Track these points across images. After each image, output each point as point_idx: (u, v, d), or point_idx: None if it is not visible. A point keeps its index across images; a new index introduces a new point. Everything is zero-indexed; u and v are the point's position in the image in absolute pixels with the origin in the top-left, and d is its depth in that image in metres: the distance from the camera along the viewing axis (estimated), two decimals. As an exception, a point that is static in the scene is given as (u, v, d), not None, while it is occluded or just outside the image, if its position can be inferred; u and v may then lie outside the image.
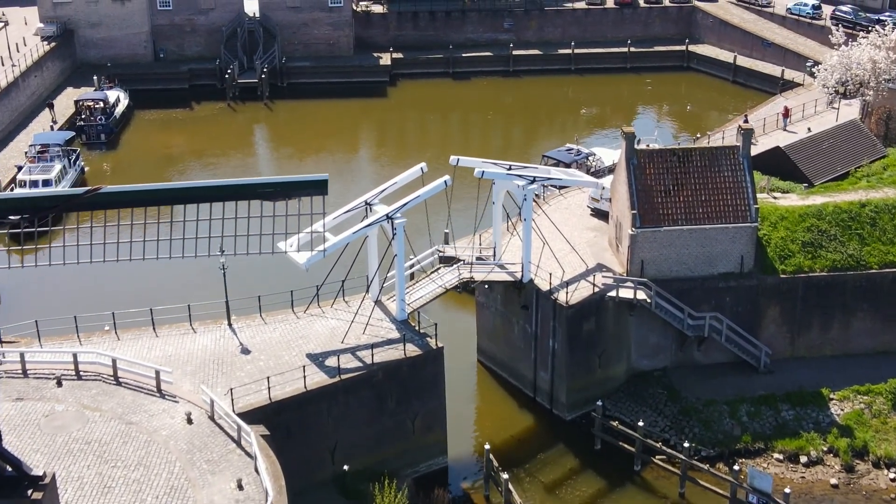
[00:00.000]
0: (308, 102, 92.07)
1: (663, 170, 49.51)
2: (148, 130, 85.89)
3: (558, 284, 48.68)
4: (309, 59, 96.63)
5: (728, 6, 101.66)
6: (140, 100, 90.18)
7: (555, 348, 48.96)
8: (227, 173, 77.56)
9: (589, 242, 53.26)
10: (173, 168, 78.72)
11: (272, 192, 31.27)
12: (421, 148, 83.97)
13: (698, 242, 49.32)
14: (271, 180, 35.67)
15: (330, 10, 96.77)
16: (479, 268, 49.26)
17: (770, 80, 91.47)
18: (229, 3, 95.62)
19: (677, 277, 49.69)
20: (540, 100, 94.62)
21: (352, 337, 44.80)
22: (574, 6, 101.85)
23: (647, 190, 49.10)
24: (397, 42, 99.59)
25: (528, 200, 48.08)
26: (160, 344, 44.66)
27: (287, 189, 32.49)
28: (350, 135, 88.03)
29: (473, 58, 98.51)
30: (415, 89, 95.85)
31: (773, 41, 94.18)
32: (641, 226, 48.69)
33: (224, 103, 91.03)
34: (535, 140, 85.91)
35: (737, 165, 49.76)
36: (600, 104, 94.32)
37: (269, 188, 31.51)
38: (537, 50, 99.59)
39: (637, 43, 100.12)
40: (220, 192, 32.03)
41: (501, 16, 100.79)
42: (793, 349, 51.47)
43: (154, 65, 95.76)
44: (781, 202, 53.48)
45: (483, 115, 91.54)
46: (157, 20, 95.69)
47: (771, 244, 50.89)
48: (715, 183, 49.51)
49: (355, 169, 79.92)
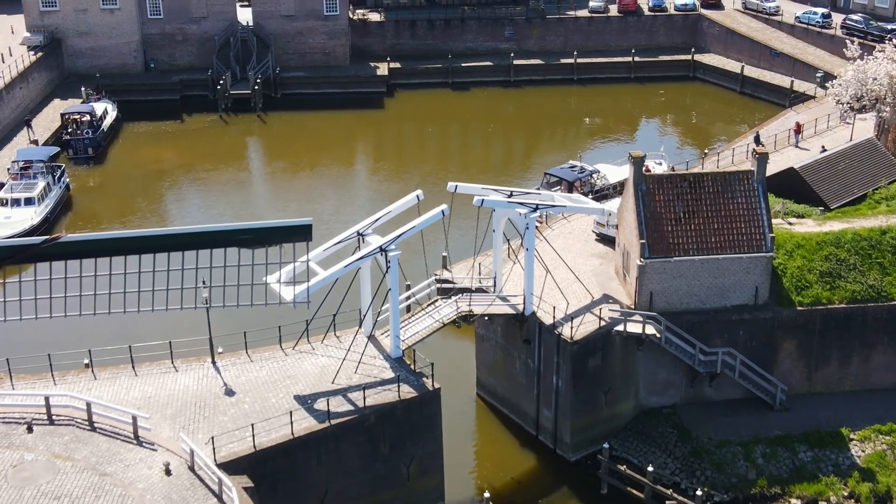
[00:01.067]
0: (302, 114, 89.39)
1: (673, 196, 46.79)
2: (137, 144, 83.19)
3: (562, 318, 45.98)
4: (304, 70, 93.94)
5: (735, 14, 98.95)
6: (129, 111, 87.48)
7: (558, 385, 46.26)
8: (218, 189, 75.05)
9: (594, 271, 50.56)
10: (163, 183, 76.05)
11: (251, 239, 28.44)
12: (419, 161, 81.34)
13: (710, 273, 46.62)
14: (251, 226, 32.90)
15: (325, 19, 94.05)
16: (479, 300, 46.54)
17: (779, 92, 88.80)
18: (222, 12, 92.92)
19: (688, 310, 46.99)
20: (541, 111, 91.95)
21: (343, 377, 42.09)
22: (577, 14, 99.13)
23: (657, 218, 46.38)
24: (395, 51, 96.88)
25: (531, 229, 45.37)
26: (139, 384, 41.96)
27: (268, 235, 29.69)
28: (346, 148, 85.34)
29: (473, 67, 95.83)
30: (413, 100, 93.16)
31: (782, 51, 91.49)
32: (650, 256, 45.97)
33: (216, 115, 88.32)
34: (536, 153, 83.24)
35: (751, 192, 47.04)
36: (604, 115, 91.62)
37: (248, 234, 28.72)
38: (539, 59, 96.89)
39: (641, 52, 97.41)
40: (193, 239, 29.29)
41: (502, 24, 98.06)
42: (810, 384, 48.79)
43: (144, 75, 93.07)
44: (797, 229, 50.75)
45: (483, 127, 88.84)
46: (147, 29, 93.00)
47: (787, 274, 48.17)
48: (728, 210, 46.79)
49: (351, 185, 77.22)
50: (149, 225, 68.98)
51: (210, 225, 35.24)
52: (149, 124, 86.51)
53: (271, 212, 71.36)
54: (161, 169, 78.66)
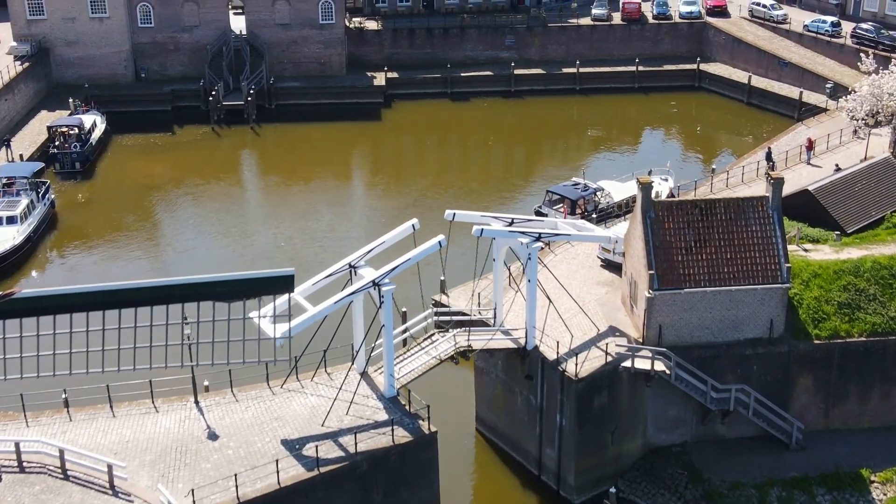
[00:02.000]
0: (297, 126, 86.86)
1: (684, 224, 44.27)
2: (126, 157, 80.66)
3: (566, 353, 43.45)
4: (299, 80, 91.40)
5: (741, 22, 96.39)
6: (119, 123, 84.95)
7: (562, 424, 43.72)
8: (209, 205, 72.58)
9: (600, 300, 48.03)
10: (152, 199, 73.52)
11: (227, 292, 25.93)
12: (417, 175, 78.80)
13: (723, 305, 44.10)
14: (226, 278, 30.28)
15: (321, 28, 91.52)
16: (478, 334, 44.00)
17: (787, 103, 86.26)
18: (214, 20, 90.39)
19: (699, 343, 44.49)
20: (543, 122, 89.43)
21: (333, 418, 39.61)
22: (579, 22, 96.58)
23: (666, 247, 43.86)
24: (392, 60, 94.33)
25: (533, 260, 42.84)
26: (117, 426, 39.51)
27: (245, 288, 27.15)
28: (341, 161, 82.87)
29: (473, 77, 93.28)
30: (411, 111, 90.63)
31: (790, 60, 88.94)
32: (660, 288, 43.45)
33: (208, 127, 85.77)
34: (538, 166, 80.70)
35: (766, 219, 44.53)
36: (607, 126, 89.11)
37: (222, 288, 26.18)
38: (540, 69, 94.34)
39: (645, 61, 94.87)
40: (163, 294, 26.72)
41: (502, 33, 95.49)
42: (827, 421, 46.29)
43: (134, 85, 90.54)
44: (813, 256, 48.23)
45: (483, 139, 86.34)
46: (137, 38, 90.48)
47: (803, 305, 45.65)
48: (742, 238, 44.28)
49: (346, 200, 74.70)
50: (136, 244, 66.66)
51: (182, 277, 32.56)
52: (139, 137, 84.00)
53: (264, 229, 68.94)
54: (150, 184, 76.12)
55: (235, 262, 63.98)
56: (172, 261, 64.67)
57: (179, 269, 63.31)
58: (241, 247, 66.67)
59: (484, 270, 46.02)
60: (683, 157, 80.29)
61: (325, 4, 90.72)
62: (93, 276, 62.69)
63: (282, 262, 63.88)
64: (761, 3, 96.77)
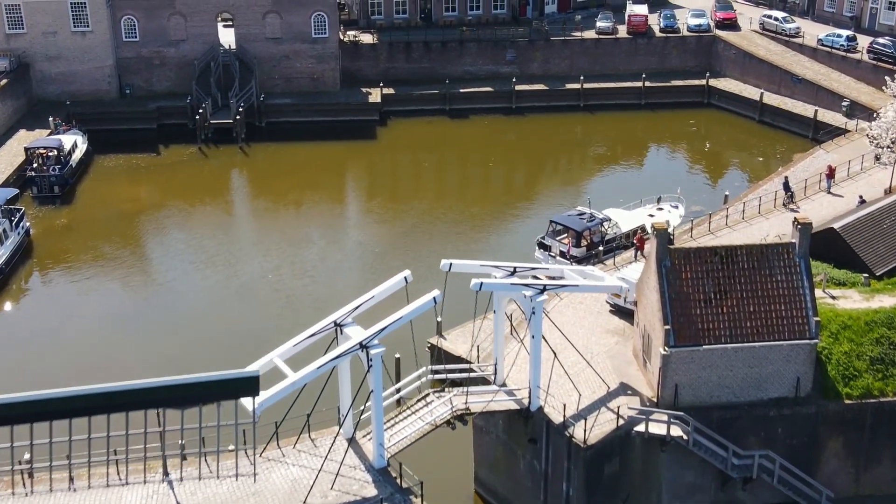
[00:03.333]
0: (288, 146, 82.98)
1: (703, 273, 40.45)
2: (108, 180, 76.77)
3: (573, 415, 39.66)
4: (290, 96, 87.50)
5: (752, 36, 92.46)
6: (101, 143, 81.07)
7: (569, 493, 39.89)
8: (194, 232, 68.81)
9: (609, 352, 44.20)
10: (134, 225, 69.71)
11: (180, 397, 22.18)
12: (414, 198, 74.93)
13: (745, 363, 40.29)
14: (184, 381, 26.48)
15: (314, 42, 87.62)
16: (477, 395, 40.18)
17: (801, 122, 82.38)
18: (202, 34, 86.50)
19: (719, 404, 40.70)
20: (545, 140, 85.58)
21: (317, 494, 35.78)
22: (583, 36, 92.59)
23: (684, 299, 40.03)
24: (388, 75, 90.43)
25: (538, 314, 39.02)
26: (77, 502, 35.63)
27: (206, 392, 23.38)
28: (334, 183, 79.03)
29: (472, 93, 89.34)
30: (407, 129, 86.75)
31: (804, 76, 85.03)
32: (676, 344, 39.63)
33: (195, 147, 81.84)
34: (540, 189, 76.83)
35: (792, 268, 40.71)
36: (612, 145, 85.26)
37: (180, 392, 22.44)
38: (542, 84, 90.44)
39: (652, 76, 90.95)
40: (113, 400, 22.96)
41: (503, 47, 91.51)
42: (857, 487, 42.47)
43: (119, 102, 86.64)
44: (842, 304, 44.38)
45: (483, 159, 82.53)
46: (122, 52, 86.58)
47: (832, 361, 41.81)
48: (766, 289, 40.48)
49: (339, 226, 70.85)
50: (116, 274, 62.95)
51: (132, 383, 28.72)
52: (122, 157, 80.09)
53: (251, 257, 65.14)
54: (132, 209, 72.24)
55: (217, 295, 60.35)
56: (152, 294, 60.92)
57: (159, 303, 59.70)
58: (224, 277, 62.85)
59: (486, 309, 42.07)
60: (693, 180, 76.38)
61: (317, 17, 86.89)
62: (70, 309, 59.10)
63: (267, 295, 60.27)
64: (773, 16, 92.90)
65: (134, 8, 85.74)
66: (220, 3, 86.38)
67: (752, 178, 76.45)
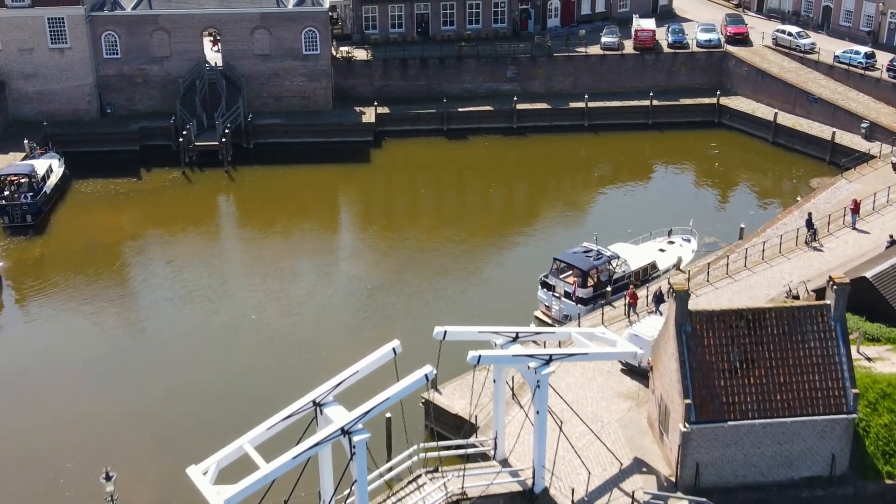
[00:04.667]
0: (277, 169, 78.65)
1: (727, 339, 36.23)
2: (85, 207, 72.46)
3: (582, 498, 35.41)
4: (280, 116, 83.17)
5: (765, 52, 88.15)
6: (81, 166, 76.83)
7: (578, 587, 35.71)
8: (174, 264, 64.77)
9: (622, 420, 40.03)
10: (112, 258, 65.30)
11: None
12: (409, 227, 70.68)
13: (775, 439, 36.13)
14: None
15: (305, 59, 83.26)
16: (475, 476, 35.96)
17: (818, 144, 78.12)
18: (187, 51, 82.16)
19: (745, 484, 36.63)
20: (548, 162, 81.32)
21: None
22: (588, 52, 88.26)
23: (706, 369, 35.81)
24: (383, 94, 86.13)
25: (543, 388, 34.83)
26: None
27: None
28: (326, 210, 74.73)
29: (471, 113, 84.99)
30: (403, 151, 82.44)
31: (820, 95, 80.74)
32: (698, 420, 35.40)
33: (179, 170, 77.51)
34: (542, 215, 72.55)
35: (827, 333, 36.51)
36: (617, 167, 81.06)
37: None
38: (545, 103, 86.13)
39: (660, 94, 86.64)
40: None
41: (504, 63, 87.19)
42: (898, 574, 38.21)
43: (99, 122, 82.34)
44: (879, 368, 40.20)
45: (483, 183, 78.26)
46: (102, 70, 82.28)
47: (870, 435, 37.62)
48: (798, 358, 36.29)
49: (330, 258, 66.56)
50: (90, 312, 58.83)
51: None
52: (101, 182, 75.69)
53: (235, 293, 60.98)
54: (110, 240, 67.89)
55: (194, 339, 56.13)
56: (125, 337, 56.66)
57: (130, 347, 55.56)
58: (204, 317, 58.63)
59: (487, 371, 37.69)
60: (705, 207, 72.05)
61: (308, 33, 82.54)
62: (38, 351, 54.85)
63: (247, 338, 55.94)
64: (787, 31, 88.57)
65: (115, 23, 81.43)
66: (205, 18, 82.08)
67: (767, 204, 72.29)
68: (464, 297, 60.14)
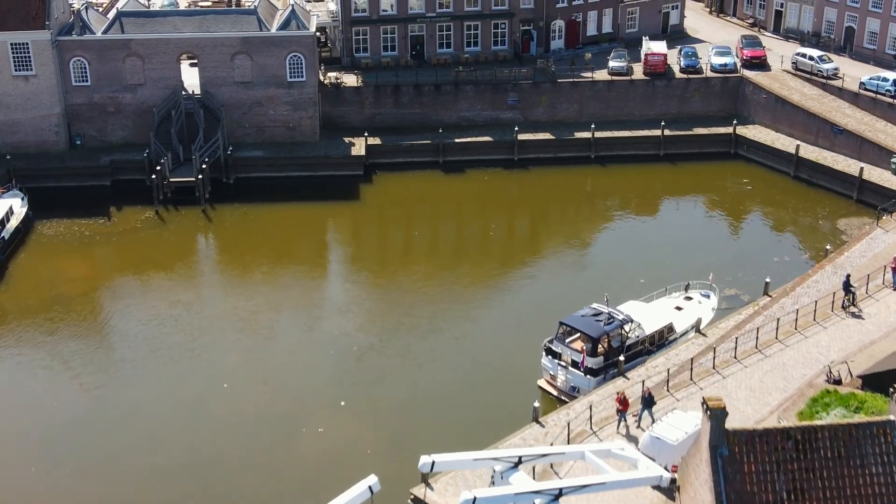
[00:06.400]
0: (259, 207, 72.67)
1: (772, 465, 30.18)
2: (48, 253, 66.55)
3: None
4: (262, 148, 77.20)
5: (784, 77, 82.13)
6: (46, 205, 70.95)
7: None
8: (141, 318, 58.99)
9: (643, 547, 34.03)
10: (71, 312, 59.45)
11: None
12: (402, 273, 64.88)
13: (829, 585, 30.06)
14: None
15: (289, 87, 77.25)
16: None
17: (844, 180, 72.21)
18: (163, 78, 76.19)
19: None
20: (552, 197, 75.56)
21: None
22: (594, 77, 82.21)
23: (748, 500, 29.77)
24: (374, 123, 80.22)
25: (552, 529, 28.84)
26: None
27: None
28: (311, 253, 68.77)
29: (469, 144, 79.03)
30: (395, 185, 76.48)
31: (845, 126, 74.75)
32: (738, 566, 29.36)
33: (152, 209, 71.55)
34: (546, 260, 66.60)
35: (891, 456, 30.43)
36: (626, 201, 75.24)
37: None
38: (549, 133, 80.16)
39: (672, 123, 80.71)
40: None
41: (504, 90, 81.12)
42: None
43: (68, 155, 76.42)
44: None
45: (482, 223, 72.46)
46: (71, 99, 76.33)
47: (941, 574, 31.49)
48: (856, 486, 30.20)
49: (314, 313, 60.46)
50: (47, 377, 53.07)
51: None
52: (66, 223, 69.73)
53: (205, 355, 55.29)
54: (72, 292, 61.83)
55: (154, 414, 50.23)
56: (79, 408, 50.81)
57: (83, 422, 49.70)
58: (169, 385, 52.73)
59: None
60: (723, 251, 66.03)
61: (293, 59, 76.50)
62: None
63: (216, 412, 50.08)
64: (807, 55, 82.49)
65: (84, 48, 75.43)
66: (182, 43, 76.06)
67: (792, 249, 66.34)
68: (460, 359, 54.35)
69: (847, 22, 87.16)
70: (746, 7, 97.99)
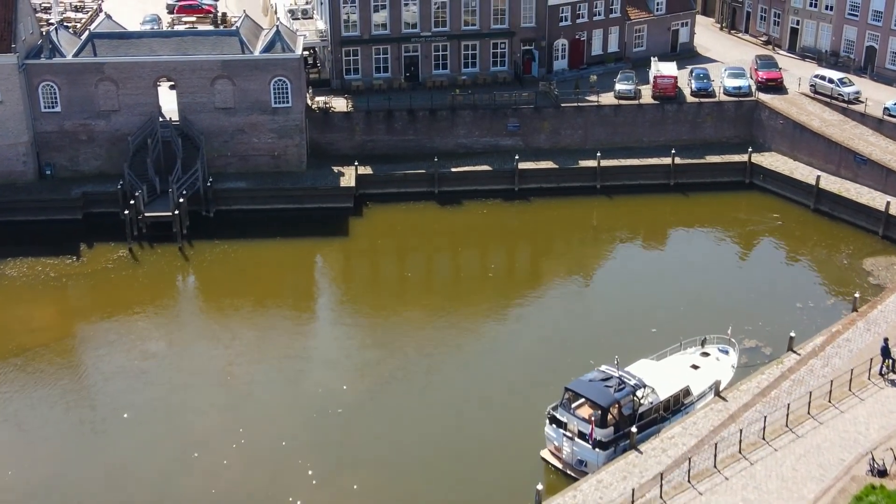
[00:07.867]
0: (241, 244, 67.71)
1: None
2: (9, 299, 61.44)
3: None
4: (245, 179, 72.22)
5: (802, 101, 77.18)
6: (12, 239, 66.48)
7: None
8: (105, 374, 54.18)
9: None
10: (29, 368, 54.45)
11: None
12: (393, 322, 59.94)
13: None
14: None
15: (274, 113, 72.29)
16: None
17: (869, 214, 67.37)
18: (138, 104, 71.26)
19: None
20: (555, 231, 70.81)
21: None
22: (600, 101, 77.23)
23: None
24: (365, 150, 75.34)
25: None
26: None
27: None
28: (295, 297, 63.52)
29: (466, 173, 74.07)
30: (387, 218, 71.57)
31: (870, 156, 69.79)
32: None
33: (126, 246, 66.60)
34: (549, 302, 61.56)
35: None
36: (633, 232, 70.40)
37: None
38: (551, 162, 75.24)
39: (683, 151, 75.81)
40: None
41: (504, 114, 76.16)
42: None
43: (37, 186, 71.52)
44: None
45: (481, 263, 67.69)
46: (41, 126, 71.39)
47: None
48: None
49: (297, 366, 55.40)
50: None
51: None
52: (32, 263, 64.75)
53: (174, 419, 50.34)
54: (32, 343, 56.65)
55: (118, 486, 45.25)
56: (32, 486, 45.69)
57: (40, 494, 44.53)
58: (135, 450, 47.79)
59: None
60: (739, 294, 60.91)
61: (278, 83, 71.54)
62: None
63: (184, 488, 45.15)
64: (827, 77, 77.47)
65: (54, 73, 70.44)
66: (158, 66, 71.04)
67: (816, 294, 61.14)
68: (457, 425, 49.41)
69: (868, 41, 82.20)
70: (760, 24, 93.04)
